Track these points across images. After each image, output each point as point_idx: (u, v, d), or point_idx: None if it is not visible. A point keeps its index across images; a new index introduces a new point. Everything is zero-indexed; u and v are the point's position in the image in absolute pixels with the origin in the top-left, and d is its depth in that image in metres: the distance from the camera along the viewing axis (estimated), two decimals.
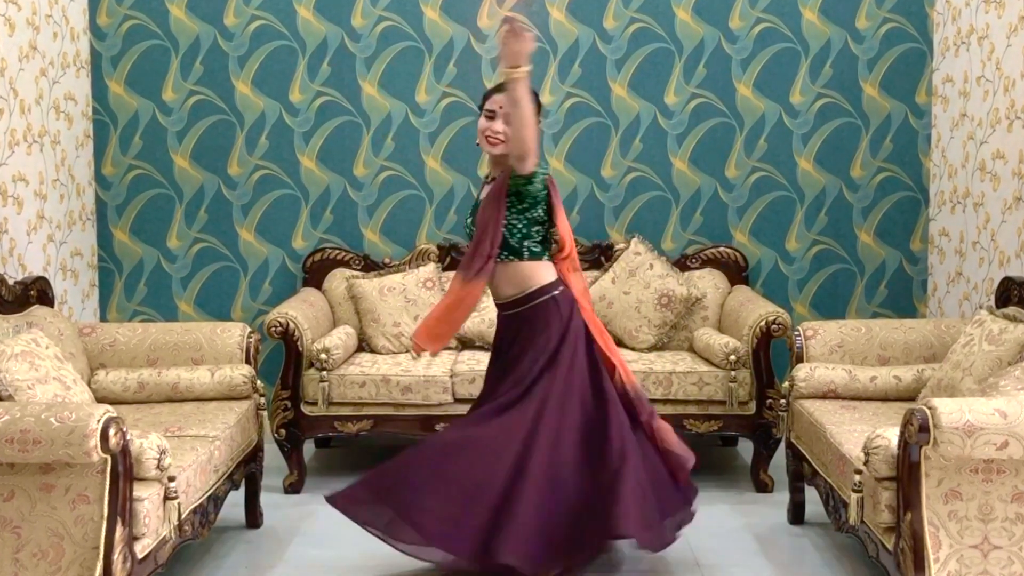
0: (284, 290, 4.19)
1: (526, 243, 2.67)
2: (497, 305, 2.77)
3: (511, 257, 2.67)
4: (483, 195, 2.76)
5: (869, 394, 3.11)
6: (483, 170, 4.19)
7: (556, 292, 2.67)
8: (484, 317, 3.85)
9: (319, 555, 3.01)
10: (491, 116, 2.65)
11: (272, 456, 3.51)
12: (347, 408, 3.55)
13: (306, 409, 3.55)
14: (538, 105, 2.66)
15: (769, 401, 3.49)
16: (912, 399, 3.05)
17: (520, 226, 2.66)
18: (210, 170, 4.18)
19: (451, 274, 4.01)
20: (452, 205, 4.21)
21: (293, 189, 4.19)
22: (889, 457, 2.35)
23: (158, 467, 2.38)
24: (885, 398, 3.11)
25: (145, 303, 4.21)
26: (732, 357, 3.47)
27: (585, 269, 3.86)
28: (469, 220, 2.80)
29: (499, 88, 2.65)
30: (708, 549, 3.02)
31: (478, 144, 2.72)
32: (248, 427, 3.11)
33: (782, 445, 3.35)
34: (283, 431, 3.54)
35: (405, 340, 3.84)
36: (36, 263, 3.55)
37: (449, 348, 3.88)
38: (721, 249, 4.11)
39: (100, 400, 3.02)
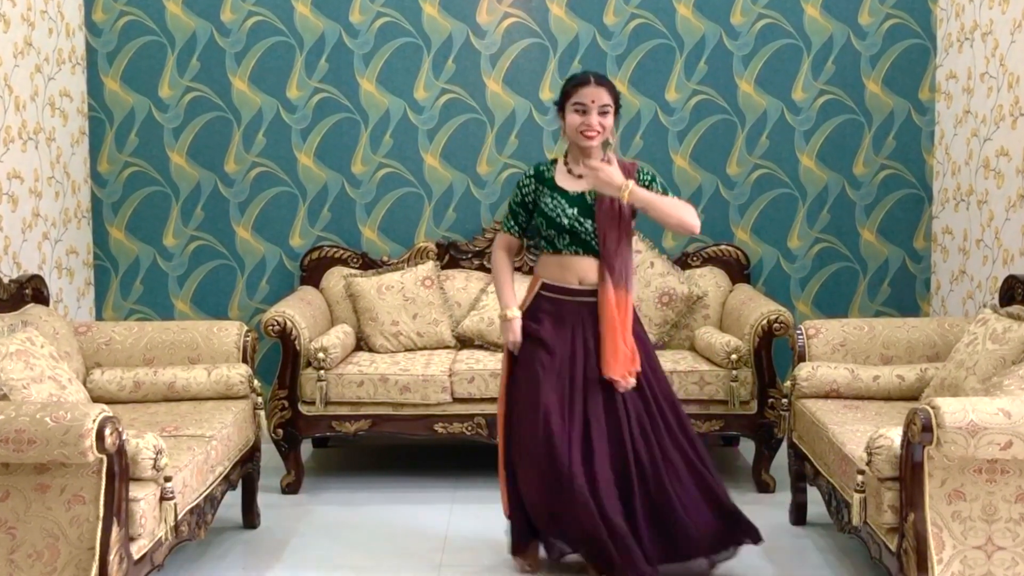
0: (281, 288, 4.17)
1: None
2: (561, 288, 2.74)
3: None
4: (578, 188, 2.71)
5: (872, 393, 3.10)
6: (482, 168, 4.16)
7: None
8: (483, 316, 3.82)
9: (317, 556, 2.99)
10: (583, 110, 2.67)
11: (269, 456, 3.50)
12: (345, 408, 3.53)
13: (304, 409, 3.53)
14: (618, 107, 2.72)
15: (771, 401, 3.47)
16: (915, 399, 3.04)
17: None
18: (207, 167, 4.15)
19: (450, 272, 4.02)
20: (451, 202, 4.18)
21: (290, 187, 4.17)
22: (892, 457, 2.34)
23: (154, 467, 2.37)
24: (888, 397, 3.10)
25: (141, 302, 4.19)
26: (733, 356, 3.45)
27: None
28: (574, 211, 2.70)
29: (583, 80, 2.68)
30: None
31: (568, 136, 2.72)
32: (245, 427, 3.10)
33: (784, 445, 3.34)
34: (280, 431, 3.52)
35: (404, 339, 3.81)
36: (31, 261, 3.53)
37: (448, 347, 3.86)
38: (722, 247, 4.09)
39: (96, 400, 3.01)
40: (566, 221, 2.71)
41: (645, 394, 2.72)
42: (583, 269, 2.72)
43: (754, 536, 2.75)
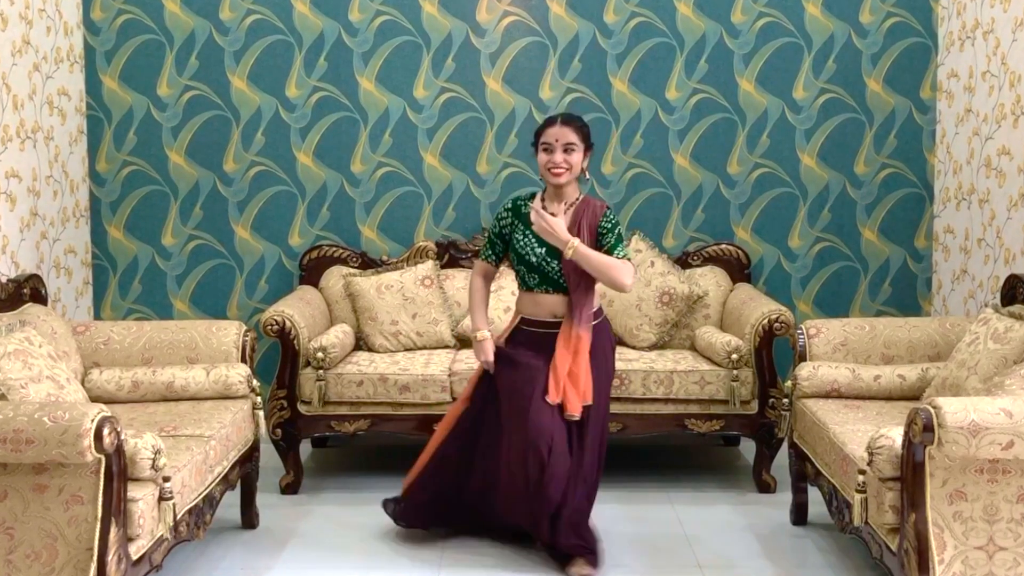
0: (280, 288, 4.15)
1: None
2: (537, 322, 2.89)
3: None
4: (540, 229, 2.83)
5: (873, 393, 3.09)
6: (481, 167, 4.15)
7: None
8: None
9: (315, 556, 2.99)
10: (549, 149, 2.82)
11: (268, 456, 3.50)
12: (344, 407, 3.52)
13: (303, 408, 3.52)
14: (588, 146, 2.89)
15: (771, 400, 3.46)
16: (916, 398, 3.04)
17: None
18: (205, 166, 4.14)
19: (450, 271, 4.01)
20: (450, 202, 4.17)
21: (290, 186, 4.16)
22: (893, 457, 2.34)
23: (153, 467, 2.37)
24: (889, 397, 3.09)
25: (140, 301, 4.18)
26: (734, 356, 3.44)
27: None
28: (542, 251, 2.84)
29: (551, 121, 2.88)
30: (709, 550, 3.00)
31: (541, 177, 2.89)
32: (244, 427, 3.09)
33: (784, 445, 3.33)
34: (279, 431, 3.51)
35: (403, 338, 3.81)
36: (29, 260, 3.52)
37: (448, 347, 3.85)
38: (723, 246, 4.07)
39: (94, 399, 3.00)
40: (534, 259, 2.85)
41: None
42: (553, 305, 2.87)
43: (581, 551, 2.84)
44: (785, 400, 3.20)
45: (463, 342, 3.87)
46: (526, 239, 2.86)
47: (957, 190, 3.89)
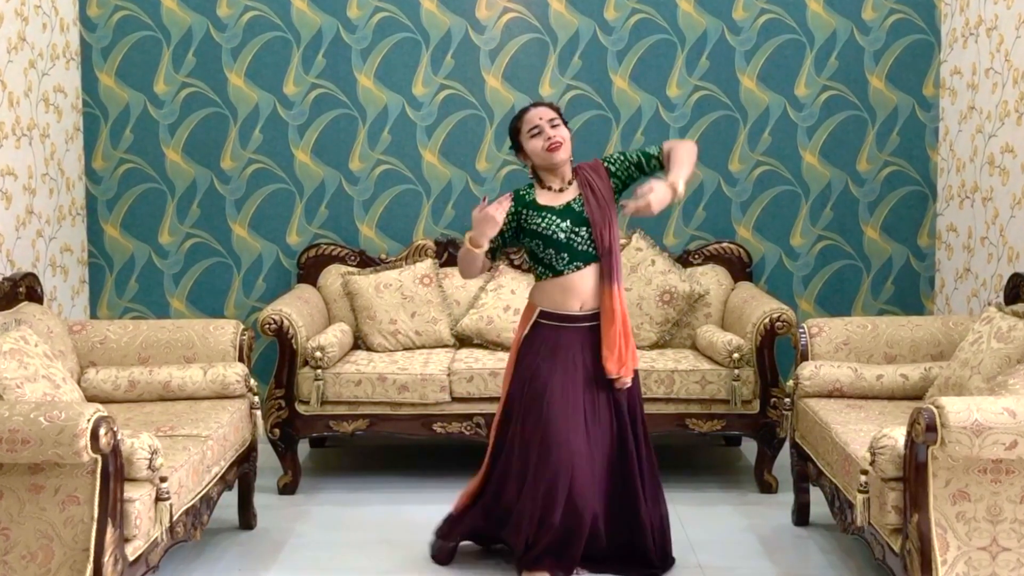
0: (278, 287, 4.14)
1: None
2: (561, 315, 2.73)
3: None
4: (563, 201, 2.74)
5: (875, 393, 3.08)
6: (481, 165, 4.13)
7: None
8: (483, 314, 3.79)
9: (314, 557, 2.98)
10: (537, 130, 2.74)
11: (266, 456, 3.48)
12: (342, 407, 3.50)
13: (301, 408, 3.50)
14: (564, 120, 2.79)
15: (773, 400, 3.45)
16: (919, 398, 3.03)
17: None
18: (203, 164, 4.12)
19: (449, 270, 3.99)
20: (450, 200, 4.15)
21: (287, 183, 4.14)
22: (896, 457, 2.32)
23: (149, 467, 2.36)
24: (891, 397, 3.08)
25: (136, 300, 4.16)
26: (735, 355, 3.42)
27: None
28: (567, 224, 2.72)
29: (523, 111, 2.80)
30: (711, 551, 2.99)
31: (533, 171, 2.79)
32: (241, 426, 3.08)
33: (786, 445, 3.32)
34: (277, 431, 3.49)
35: (402, 337, 3.79)
36: (25, 259, 3.50)
37: (447, 346, 3.83)
38: (724, 245, 4.06)
39: (90, 399, 2.99)
40: (562, 235, 2.72)
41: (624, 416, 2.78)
42: (586, 290, 2.73)
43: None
44: (787, 400, 3.19)
45: (462, 341, 3.86)
46: (546, 219, 2.72)
47: (960, 188, 3.87)
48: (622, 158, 2.79)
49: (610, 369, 2.70)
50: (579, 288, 2.73)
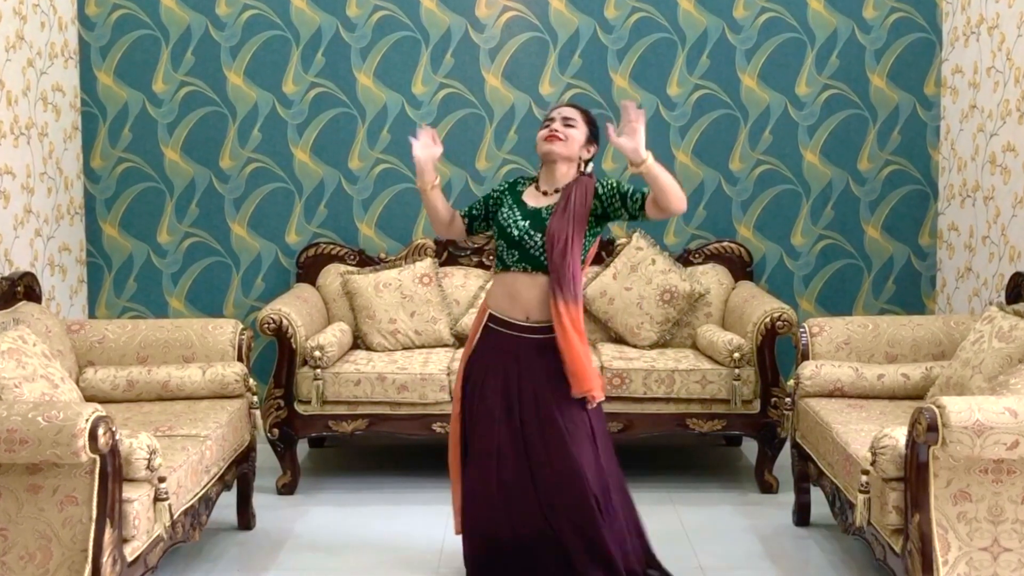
0: (277, 286, 4.13)
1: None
2: (507, 323, 2.64)
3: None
4: (538, 204, 2.67)
5: (876, 392, 3.08)
6: (480, 163, 4.12)
7: None
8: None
9: (313, 557, 2.97)
10: (548, 123, 2.66)
11: (265, 456, 3.47)
12: (342, 407, 3.49)
13: (300, 408, 3.49)
14: (594, 134, 2.71)
15: (774, 400, 3.44)
16: (920, 397, 3.03)
17: (585, 246, 2.64)
18: (201, 163, 4.11)
19: (448, 269, 3.98)
20: (449, 198, 4.13)
21: (286, 182, 4.13)
22: (897, 457, 2.32)
23: (148, 467, 2.35)
24: (893, 396, 3.08)
25: (135, 299, 4.15)
26: (736, 354, 3.41)
27: None
28: (525, 224, 2.64)
29: (558, 104, 2.75)
30: (711, 551, 2.98)
31: (539, 154, 2.69)
32: (240, 426, 3.07)
33: (787, 445, 3.31)
34: (276, 430, 3.48)
35: (401, 337, 3.78)
36: (23, 258, 3.49)
37: (446, 346, 3.82)
38: (725, 244, 4.05)
39: (89, 399, 2.97)
40: (516, 233, 2.64)
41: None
42: (529, 300, 2.62)
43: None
44: (787, 399, 3.18)
45: (462, 340, 3.84)
46: (511, 212, 2.68)
47: (962, 187, 3.86)
48: (614, 185, 2.65)
49: (572, 388, 2.59)
50: (523, 295, 2.62)
